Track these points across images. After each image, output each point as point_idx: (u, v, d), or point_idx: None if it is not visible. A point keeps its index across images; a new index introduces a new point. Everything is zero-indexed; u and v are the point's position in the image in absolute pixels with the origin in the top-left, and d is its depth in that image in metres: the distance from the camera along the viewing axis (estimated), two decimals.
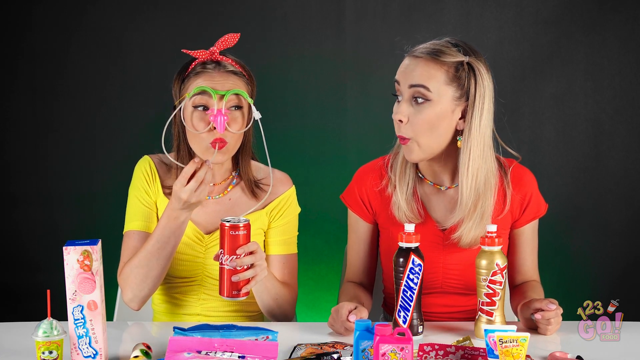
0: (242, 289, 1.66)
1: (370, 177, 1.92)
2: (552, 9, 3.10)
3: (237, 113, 1.83)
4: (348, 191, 1.96)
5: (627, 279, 3.15)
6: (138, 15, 3.14)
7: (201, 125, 1.80)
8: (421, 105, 1.75)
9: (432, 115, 1.75)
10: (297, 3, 3.15)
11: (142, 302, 1.85)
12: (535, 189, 1.89)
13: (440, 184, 1.87)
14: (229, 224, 1.64)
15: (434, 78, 1.74)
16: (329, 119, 3.19)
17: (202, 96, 1.80)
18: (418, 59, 1.77)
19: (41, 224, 3.21)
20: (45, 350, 1.46)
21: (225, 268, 1.65)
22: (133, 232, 1.89)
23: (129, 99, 3.17)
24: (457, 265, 1.85)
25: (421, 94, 1.74)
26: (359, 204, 1.93)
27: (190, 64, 1.87)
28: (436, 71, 1.75)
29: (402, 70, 1.79)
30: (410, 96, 1.76)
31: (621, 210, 3.16)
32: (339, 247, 2.09)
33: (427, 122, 1.75)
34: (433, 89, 1.74)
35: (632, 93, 3.12)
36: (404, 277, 1.67)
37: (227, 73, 1.84)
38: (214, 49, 1.85)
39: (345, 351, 1.57)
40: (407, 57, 1.80)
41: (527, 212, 1.88)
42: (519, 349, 1.44)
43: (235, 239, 1.64)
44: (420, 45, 1.81)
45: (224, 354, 1.49)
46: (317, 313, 3.07)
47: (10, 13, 3.13)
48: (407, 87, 1.76)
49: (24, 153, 3.21)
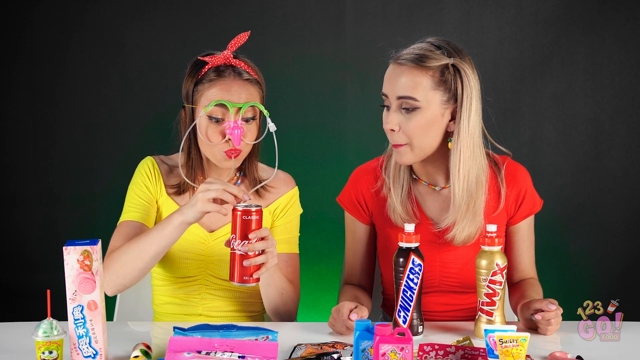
0: (253, 275, 1.65)
1: (366, 179, 1.92)
2: (552, 9, 3.10)
3: (252, 123, 1.84)
4: (344, 193, 1.96)
5: (627, 279, 3.15)
6: (138, 15, 3.14)
7: (216, 137, 1.81)
8: (411, 113, 1.75)
9: (423, 121, 1.75)
10: (297, 3, 3.15)
11: (114, 291, 1.80)
12: (529, 185, 1.89)
13: (435, 184, 1.87)
14: (241, 208, 1.63)
15: (419, 86, 1.74)
16: (329, 119, 3.19)
17: (219, 108, 1.80)
18: (402, 67, 1.76)
19: (41, 224, 3.21)
20: (45, 350, 1.46)
21: (237, 253, 1.64)
22: (127, 221, 1.88)
23: (129, 99, 3.17)
24: (454, 263, 1.86)
25: (409, 104, 1.74)
26: (355, 205, 1.93)
27: (202, 65, 1.85)
28: (421, 78, 1.74)
29: (387, 80, 1.79)
30: (399, 106, 1.76)
31: (621, 210, 3.16)
32: (339, 247, 2.09)
33: (419, 127, 1.75)
34: (420, 98, 1.74)
35: (632, 93, 3.12)
36: (404, 277, 1.67)
37: (243, 82, 1.83)
38: (228, 52, 1.84)
39: (345, 351, 1.57)
40: (391, 64, 1.80)
41: (522, 208, 1.88)
42: (519, 349, 1.44)
43: (247, 224, 1.63)
44: (403, 50, 1.80)
45: (224, 354, 1.49)
46: (317, 313, 3.07)
47: (10, 13, 3.13)
48: (394, 98, 1.76)
49: (24, 153, 3.21)
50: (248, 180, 1.94)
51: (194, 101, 1.84)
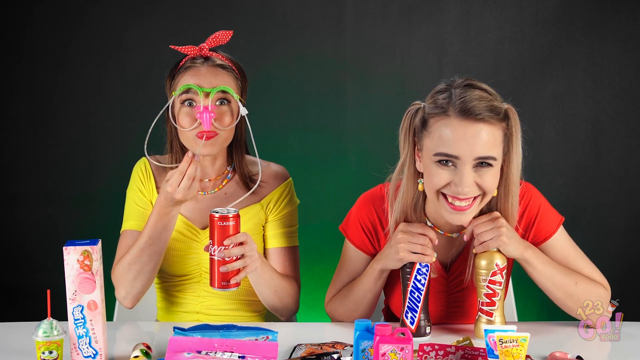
0: (232, 280, 1.66)
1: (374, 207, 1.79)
2: (552, 9, 3.10)
3: (225, 108, 1.83)
4: (350, 224, 1.82)
5: (627, 279, 3.14)
6: (138, 15, 3.14)
7: (188, 121, 1.81)
8: (486, 169, 1.60)
9: (495, 172, 1.62)
10: (297, 3, 3.15)
11: (135, 300, 1.86)
12: (541, 206, 1.76)
13: (451, 232, 1.76)
14: (218, 214, 1.64)
15: (497, 141, 1.59)
16: (329, 119, 3.19)
17: (188, 93, 1.81)
18: (479, 124, 1.57)
19: (41, 224, 3.21)
20: (45, 350, 1.46)
21: (215, 259, 1.66)
22: (128, 231, 1.91)
23: (129, 99, 3.17)
24: (462, 302, 1.80)
25: (488, 163, 1.59)
26: (362, 238, 1.80)
27: (181, 60, 1.87)
28: (498, 132, 1.60)
29: (459, 140, 1.57)
30: (473, 166, 1.59)
31: (621, 210, 3.16)
32: (338, 247, 2.08)
33: (495, 177, 1.62)
34: (497, 155, 1.60)
35: (632, 93, 3.12)
36: (411, 279, 1.67)
37: (215, 67, 1.84)
38: (204, 44, 1.86)
39: (345, 351, 1.57)
40: (456, 119, 1.57)
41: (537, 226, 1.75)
42: (519, 349, 1.44)
43: (224, 230, 1.64)
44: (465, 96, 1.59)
45: (224, 354, 1.50)
46: (317, 313, 3.06)
47: (10, 13, 3.13)
48: (471, 159, 1.58)
49: (24, 153, 3.21)
50: (238, 175, 1.95)
51: (171, 92, 1.87)
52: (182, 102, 1.82)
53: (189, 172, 1.70)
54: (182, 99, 1.82)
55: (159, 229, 1.78)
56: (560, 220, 1.78)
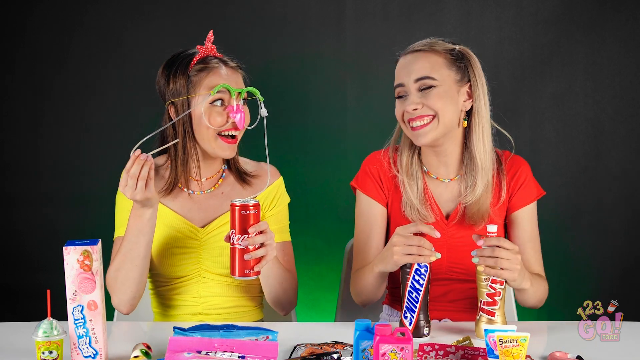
0: (254, 268, 1.68)
1: (382, 163, 1.96)
2: (552, 9, 3.10)
3: (247, 108, 1.88)
4: (360, 176, 1.98)
5: (627, 279, 3.15)
6: (138, 15, 3.14)
7: (220, 120, 1.84)
8: (429, 90, 1.83)
9: (442, 93, 1.83)
10: (297, 3, 3.15)
11: (129, 306, 1.86)
12: (529, 174, 1.94)
13: (444, 177, 1.92)
14: (239, 203, 1.66)
15: (435, 65, 1.84)
16: (329, 118, 3.19)
17: (221, 94, 1.84)
18: (415, 53, 1.87)
19: (41, 224, 3.21)
20: (45, 350, 1.46)
21: (237, 247, 1.66)
22: (119, 238, 1.92)
23: (129, 99, 3.17)
24: (461, 248, 1.88)
25: (428, 84, 1.83)
26: (373, 185, 1.95)
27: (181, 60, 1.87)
28: (436, 58, 1.85)
29: (401, 70, 1.88)
30: (417, 89, 1.84)
31: (621, 210, 3.16)
32: (339, 247, 2.08)
33: (440, 99, 1.83)
34: (437, 76, 1.83)
35: (632, 93, 3.12)
36: (410, 278, 1.67)
37: (233, 69, 1.89)
38: (211, 45, 1.89)
39: (345, 351, 1.57)
40: (402, 57, 1.90)
41: (521, 192, 1.92)
42: (519, 349, 1.44)
43: (246, 218, 1.66)
44: (409, 45, 1.90)
45: (224, 354, 1.49)
46: (317, 313, 3.07)
47: (10, 13, 3.13)
48: (412, 82, 1.84)
49: (24, 153, 3.21)
50: (233, 173, 1.97)
51: (189, 93, 1.86)
52: (211, 101, 1.84)
53: (132, 171, 1.69)
54: (213, 99, 1.84)
55: (135, 232, 1.78)
56: (540, 194, 1.95)
